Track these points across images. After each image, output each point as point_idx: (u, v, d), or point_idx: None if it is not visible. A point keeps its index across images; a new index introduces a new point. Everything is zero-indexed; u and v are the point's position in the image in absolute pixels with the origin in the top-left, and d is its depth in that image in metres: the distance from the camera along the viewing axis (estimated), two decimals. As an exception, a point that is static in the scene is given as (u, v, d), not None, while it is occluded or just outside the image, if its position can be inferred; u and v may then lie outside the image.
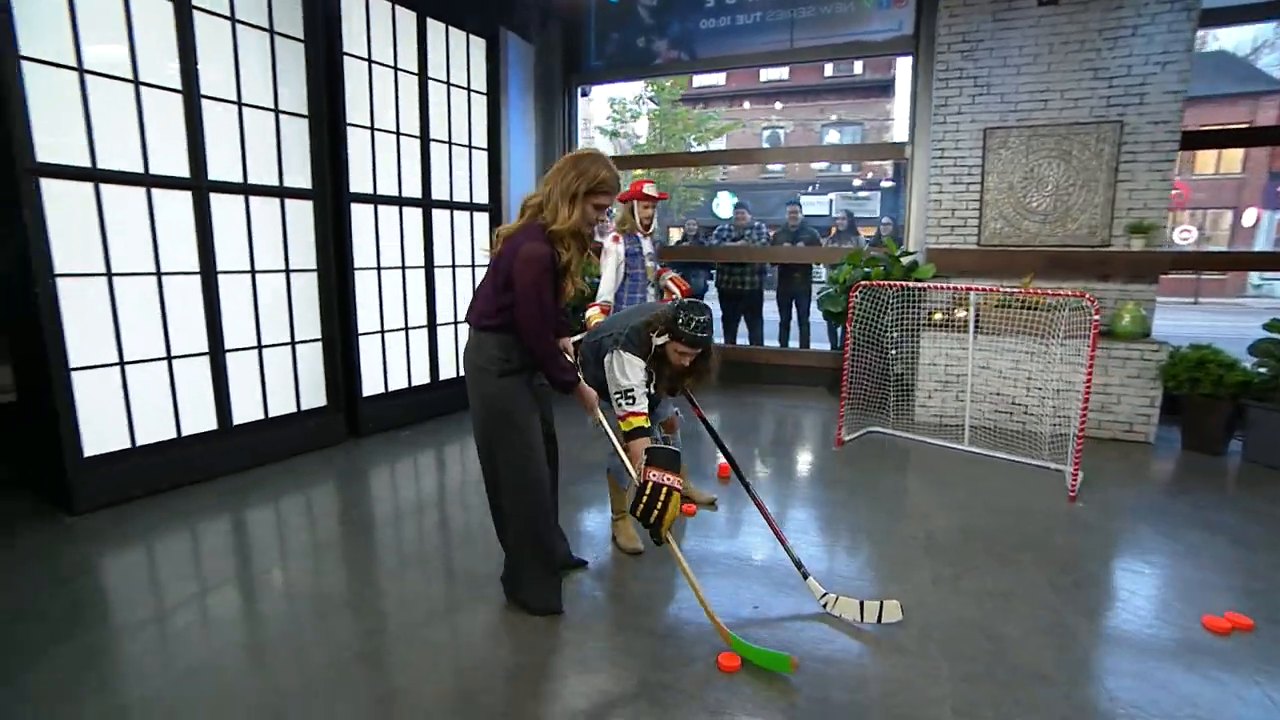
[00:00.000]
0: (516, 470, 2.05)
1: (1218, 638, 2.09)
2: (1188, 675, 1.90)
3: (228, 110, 3.44)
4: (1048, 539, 2.80)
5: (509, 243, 1.93)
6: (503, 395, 2.01)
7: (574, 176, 1.89)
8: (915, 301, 4.67)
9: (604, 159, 1.96)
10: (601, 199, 1.93)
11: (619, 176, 1.98)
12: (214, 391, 3.50)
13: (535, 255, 1.86)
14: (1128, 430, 4.35)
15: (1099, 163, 4.52)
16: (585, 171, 1.89)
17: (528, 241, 1.87)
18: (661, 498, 1.96)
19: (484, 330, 2.00)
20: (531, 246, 1.86)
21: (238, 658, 1.95)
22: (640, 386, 2.19)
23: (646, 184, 3.83)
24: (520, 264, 1.87)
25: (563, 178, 1.90)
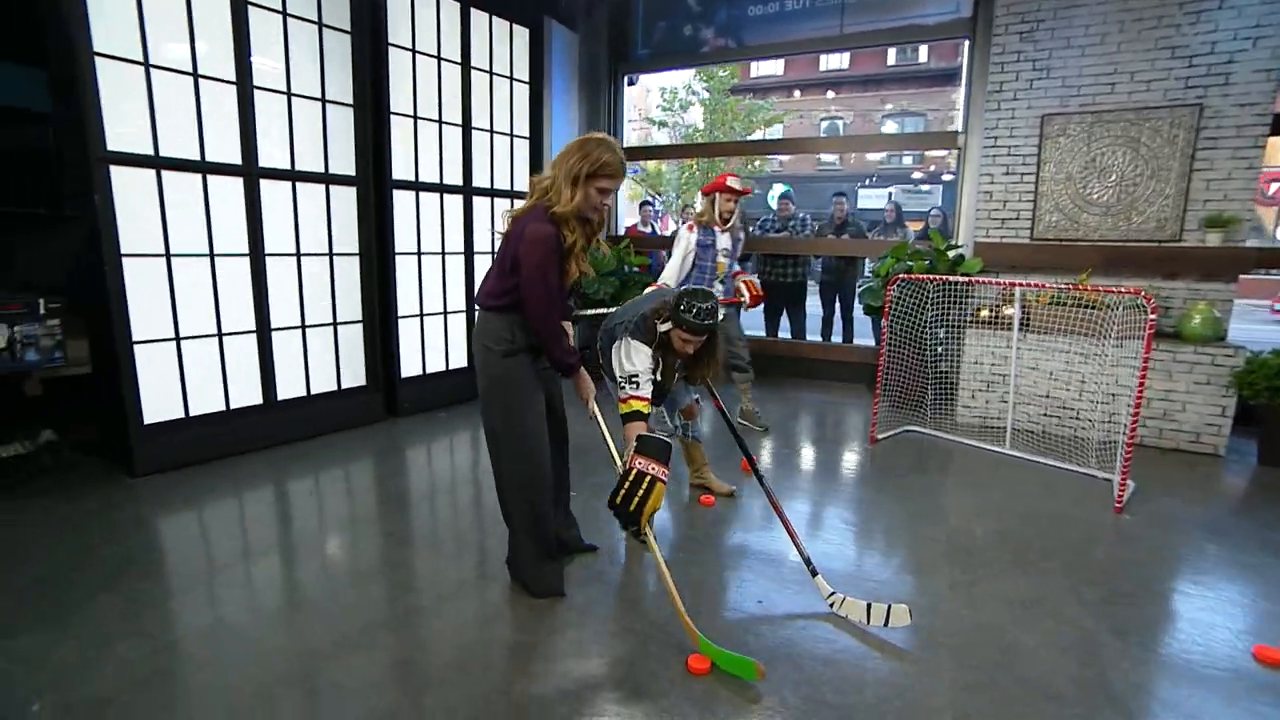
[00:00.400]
0: (516, 453, 2.08)
1: (1270, 670, 1.92)
2: (1228, 709, 1.75)
3: (278, 100, 3.61)
4: (1083, 549, 2.65)
5: (516, 224, 1.95)
6: (506, 375, 2.03)
7: (578, 159, 1.89)
8: (960, 297, 4.47)
9: (610, 143, 1.95)
10: (604, 182, 1.92)
11: (624, 161, 1.97)
12: (260, 368, 3.69)
13: (540, 236, 1.87)
14: (1194, 440, 4.05)
15: (1172, 150, 4.19)
16: (589, 155, 1.89)
17: (532, 223, 1.88)
18: (644, 486, 1.94)
19: (490, 310, 2.03)
20: (536, 228, 1.87)
21: (262, 614, 2.06)
22: (645, 373, 2.18)
23: (730, 177, 3.92)
24: (526, 246, 1.88)
25: (567, 160, 1.91)
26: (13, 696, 1.69)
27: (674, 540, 2.67)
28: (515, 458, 2.08)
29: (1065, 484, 3.42)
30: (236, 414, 3.61)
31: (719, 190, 3.87)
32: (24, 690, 1.72)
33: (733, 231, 3.97)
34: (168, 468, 3.31)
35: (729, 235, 3.95)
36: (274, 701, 1.68)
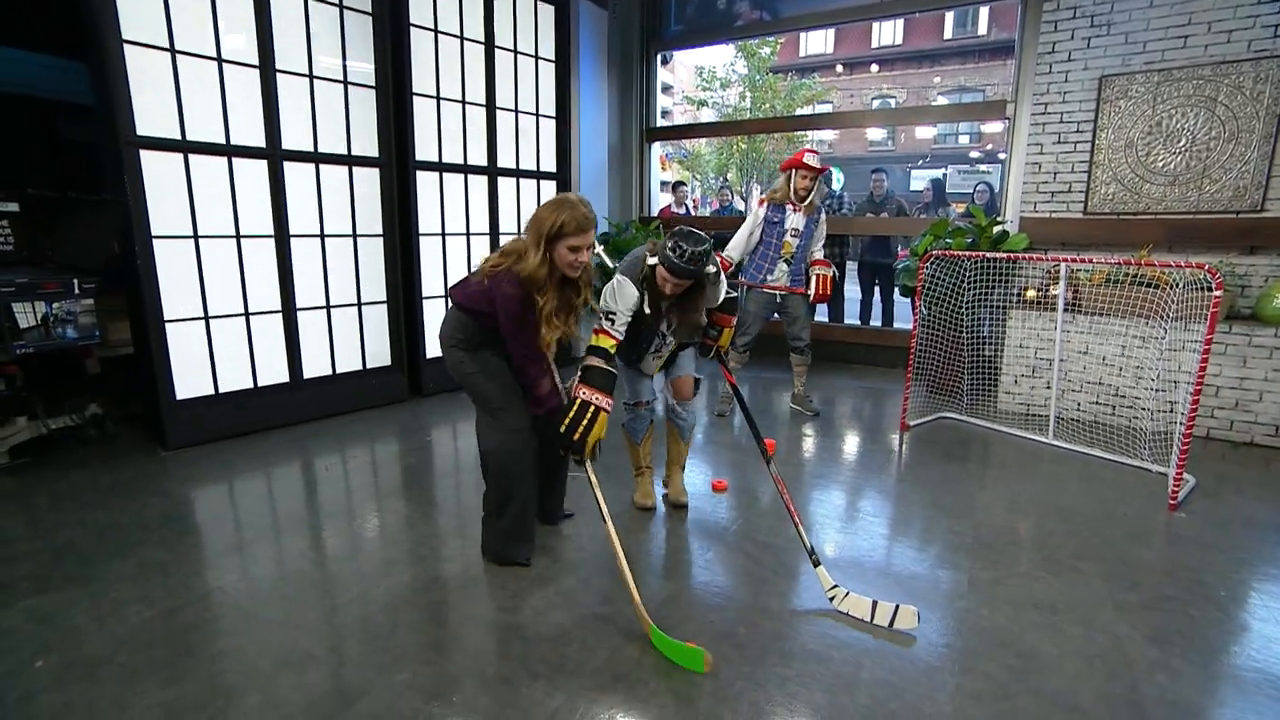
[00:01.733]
0: (486, 429, 2.18)
1: (1328, 687, 1.70)
2: (1272, 724, 1.56)
3: (300, 83, 3.64)
4: (1126, 550, 2.42)
5: (490, 280, 2.00)
6: (467, 364, 2.14)
7: (541, 222, 1.95)
8: (1004, 277, 4.18)
9: (571, 202, 1.97)
10: (571, 240, 1.95)
11: (588, 216, 1.97)
12: (286, 347, 3.78)
13: (507, 295, 1.95)
14: (1272, 434, 3.68)
15: (1256, 109, 3.77)
16: (550, 217, 1.94)
17: (501, 286, 1.96)
18: (588, 416, 2.01)
19: (456, 307, 2.14)
20: (504, 290, 1.96)
21: (262, 587, 2.10)
22: (624, 313, 2.15)
23: (809, 153, 3.81)
24: (500, 306, 1.98)
25: (536, 225, 1.97)
26: (20, 652, 1.77)
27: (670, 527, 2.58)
28: (483, 434, 2.19)
29: (1113, 478, 3.16)
30: (264, 391, 3.70)
31: (796, 166, 3.72)
32: (31, 647, 1.79)
33: (809, 211, 3.80)
34: (198, 441, 3.43)
35: (803, 215, 3.79)
36: (257, 672, 1.69)
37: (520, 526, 2.23)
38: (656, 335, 2.40)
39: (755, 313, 3.93)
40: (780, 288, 3.85)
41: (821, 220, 3.88)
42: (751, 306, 3.93)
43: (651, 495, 2.70)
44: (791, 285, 3.85)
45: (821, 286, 3.79)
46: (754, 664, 1.73)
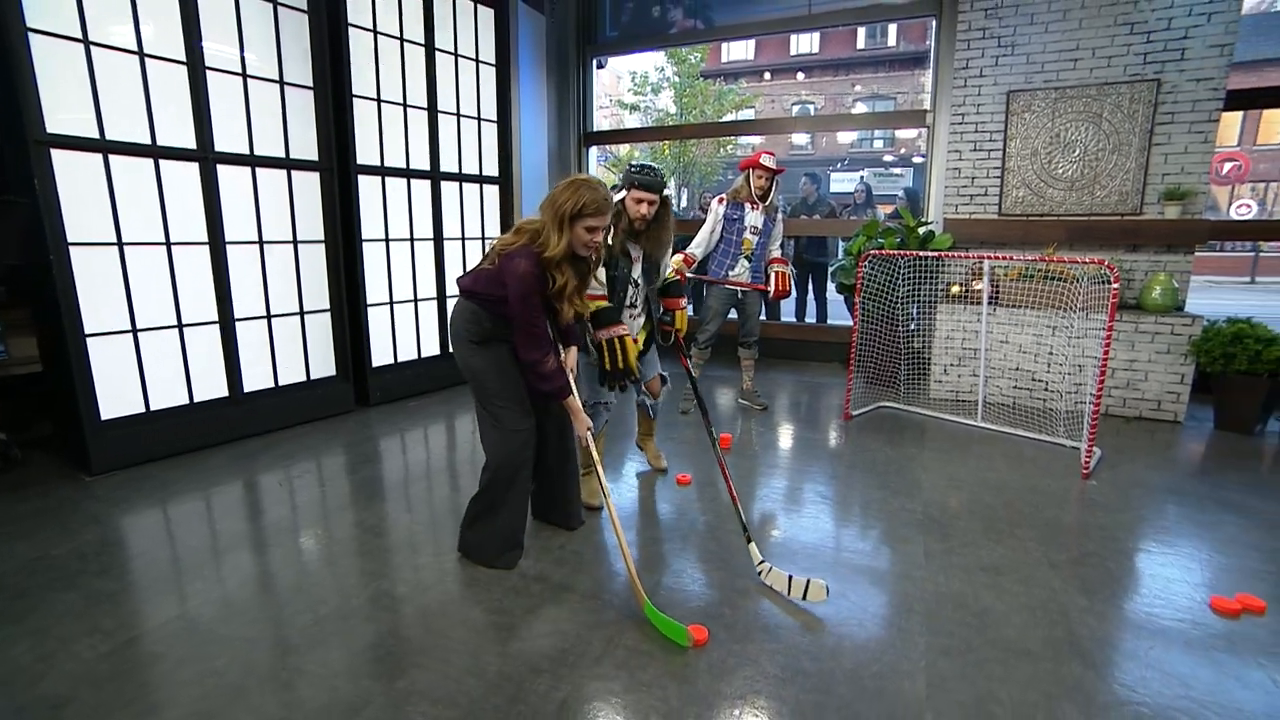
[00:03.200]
0: (484, 433, 2.19)
1: (1225, 619, 1.99)
2: (1185, 655, 1.81)
3: (232, 82, 3.48)
4: (1052, 516, 2.70)
5: (501, 258, 2.01)
6: (476, 358, 2.13)
7: (562, 202, 1.97)
8: (931, 273, 4.51)
9: (591, 183, 2.00)
10: (590, 221, 1.99)
11: (607, 199, 2.02)
12: (224, 359, 3.58)
13: (520, 271, 1.95)
14: (1156, 408, 4.16)
15: (1132, 125, 4.27)
16: (570, 198, 1.96)
17: (517, 258, 1.96)
18: (616, 346, 2.38)
19: (465, 297, 2.13)
20: (517, 263, 1.96)
21: (228, 608, 2.01)
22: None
23: (765, 154, 3.96)
24: (509, 277, 1.98)
25: (553, 205, 1.98)
26: (-39, 701, 1.63)
27: (647, 517, 2.66)
28: (486, 433, 2.18)
29: (1035, 454, 3.49)
30: (201, 407, 3.50)
31: (753, 166, 3.88)
32: (-25, 692, 1.65)
33: (768, 210, 3.96)
34: (127, 464, 3.20)
35: (762, 213, 3.94)
36: (242, 693, 1.63)
37: (512, 532, 2.23)
38: (630, 284, 2.56)
39: (717, 309, 4.08)
40: (742, 284, 4.00)
41: (779, 219, 4.06)
42: (714, 303, 4.08)
43: (598, 494, 2.68)
44: (752, 282, 4.01)
45: (781, 283, 3.97)
46: (743, 641, 1.83)
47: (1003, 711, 1.57)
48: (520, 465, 2.18)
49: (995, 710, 1.57)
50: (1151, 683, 1.69)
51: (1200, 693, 1.66)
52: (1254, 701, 1.63)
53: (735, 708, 1.58)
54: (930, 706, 1.59)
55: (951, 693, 1.64)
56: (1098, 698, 1.63)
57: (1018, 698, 1.62)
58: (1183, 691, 1.66)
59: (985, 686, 1.66)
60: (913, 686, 1.66)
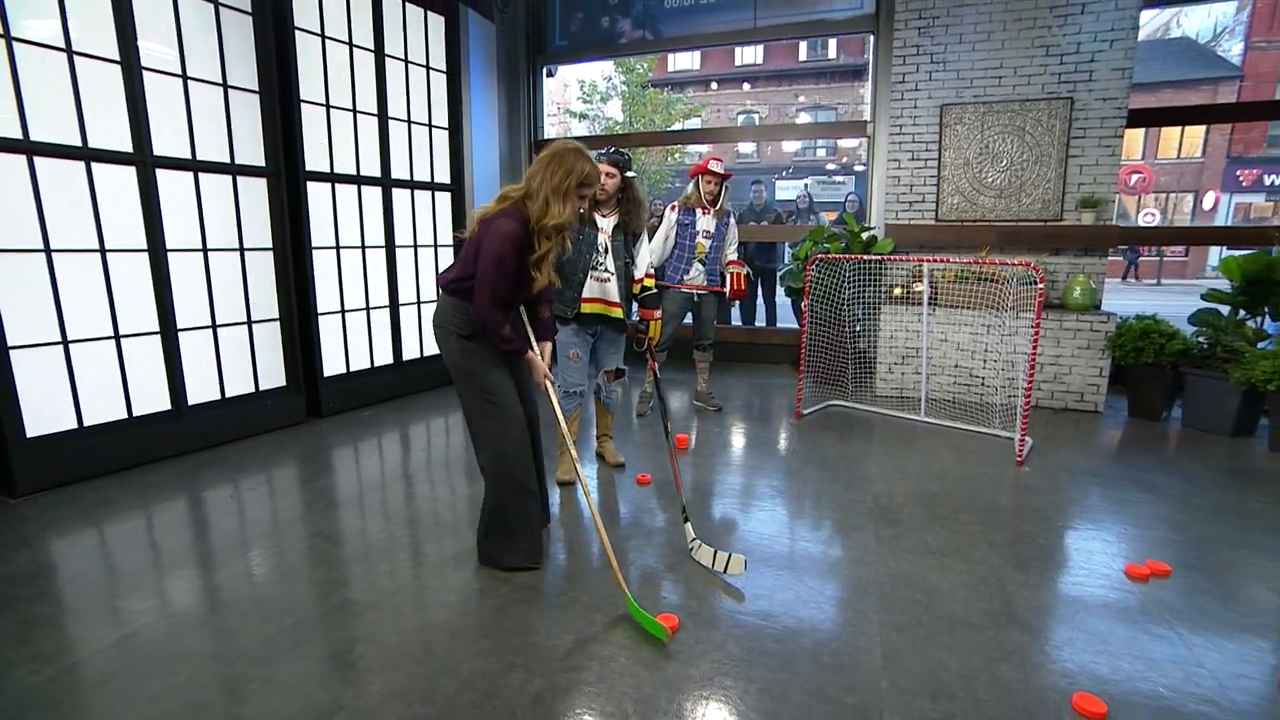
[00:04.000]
0: (481, 427, 2.18)
1: (1138, 583, 2.19)
2: (1104, 616, 1.99)
3: (171, 84, 3.37)
4: (990, 501, 2.89)
5: (484, 224, 2.03)
6: (463, 354, 2.14)
7: (564, 174, 2.00)
8: (874, 277, 4.74)
9: (585, 153, 2.08)
10: (585, 190, 2.08)
11: (596, 167, 2.10)
12: (167, 371, 3.45)
13: (505, 231, 1.96)
14: (1079, 399, 4.48)
15: (1051, 138, 4.61)
16: (573, 169, 2.02)
17: (502, 218, 1.98)
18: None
19: (450, 293, 2.14)
20: (503, 222, 1.97)
21: (180, 624, 1.94)
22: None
23: (713, 160, 4.04)
24: (490, 235, 1.98)
25: (552, 175, 2.01)
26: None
27: (610, 515, 2.71)
28: (481, 432, 2.18)
29: (974, 445, 3.72)
30: (141, 422, 3.35)
31: (701, 173, 4.03)
32: (-93, 725, 1.56)
33: (719, 214, 4.07)
34: (60, 483, 3.04)
35: (713, 217, 4.05)
36: (206, 706, 1.59)
37: (528, 526, 2.21)
38: (596, 249, 2.91)
39: (673, 312, 4.18)
40: (697, 287, 4.11)
41: (732, 223, 4.18)
42: (670, 306, 4.17)
43: (572, 471, 2.99)
44: (708, 284, 4.12)
45: (736, 283, 4.09)
46: (708, 629, 1.91)
47: (950, 676, 1.69)
48: (519, 456, 2.18)
49: (943, 675, 1.69)
50: (1076, 642, 1.85)
51: (1117, 647, 1.83)
52: (1161, 651, 1.82)
53: (704, 689, 1.64)
54: (886, 676, 1.69)
55: (904, 663, 1.75)
56: (1032, 658, 1.77)
57: (963, 663, 1.75)
58: (1102, 647, 1.83)
59: (935, 656, 1.78)
60: (869, 660, 1.76)
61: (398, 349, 4.82)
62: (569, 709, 1.57)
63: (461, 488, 3.09)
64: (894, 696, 1.62)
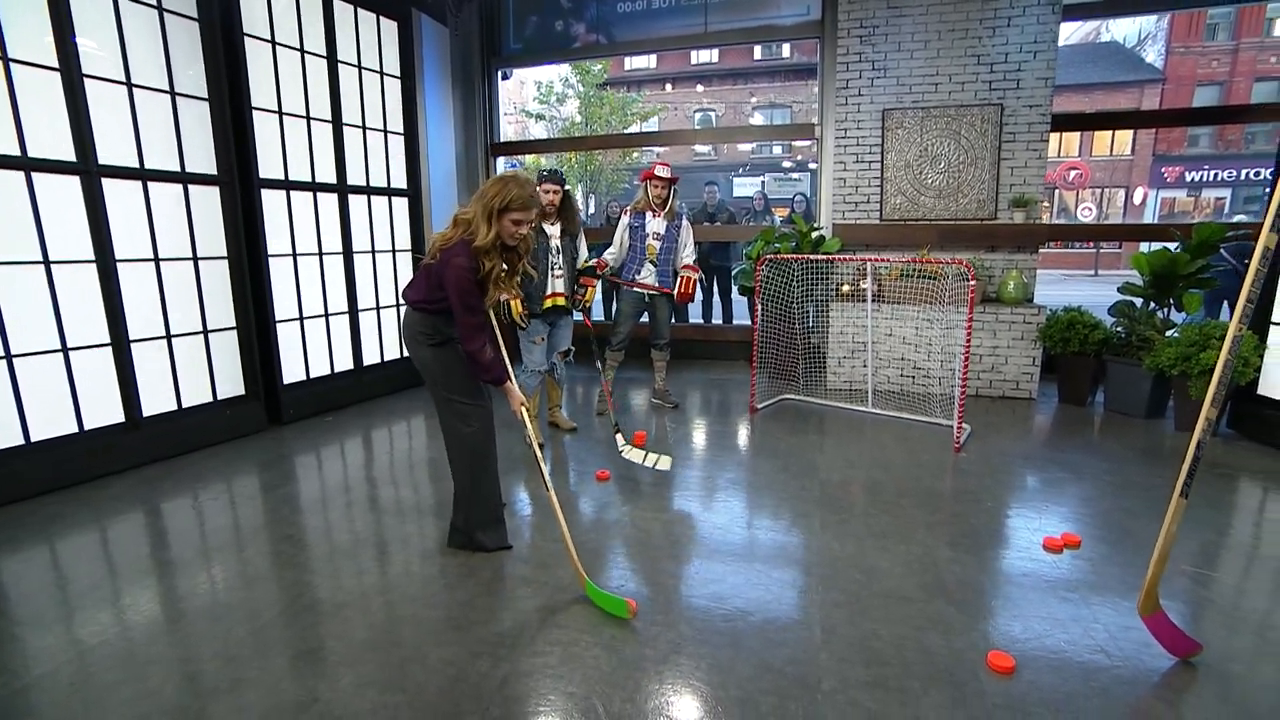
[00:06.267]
0: (452, 426, 2.38)
1: (1052, 554, 2.41)
2: (1022, 585, 2.21)
3: (115, 91, 3.32)
4: (929, 485, 3.11)
5: (442, 253, 2.19)
6: (434, 360, 2.33)
7: (490, 197, 2.15)
8: (823, 275, 4.95)
9: (519, 180, 2.19)
10: (516, 214, 2.18)
11: (534, 194, 2.23)
12: (119, 383, 3.40)
13: (458, 267, 2.14)
14: (1015, 388, 4.77)
15: (984, 142, 4.89)
16: (500, 193, 2.15)
17: (453, 258, 2.15)
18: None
19: (416, 309, 2.32)
20: (454, 262, 2.14)
21: (146, 633, 1.98)
22: None
23: (659, 166, 4.25)
24: (448, 273, 2.15)
25: (483, 198, 2.17)
26: None
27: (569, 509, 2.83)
28: (452, 432, 2.38)
29: (917, 433, 3.95)
30: (93, 435, 3.31)
31: (649, 178, 4.21)
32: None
33: (669, 217, 4.21)
34: (9, 500, 2.99)
35: (663, 220, 4.20)
36: (183, 708, 1.65)
37: (498, 510, 2.47)
38: (550, 252, 3.57)
39: (628, 312, 4.31)
40: (649, 286, 4.24)
41: (684, 225, 4.31)
42: (624, 306, 4.31)
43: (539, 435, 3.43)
44: (659, 285, 4.25)
45: (684, 286, 4.22)
46: (664, 612, 2.04)
47: (882, 645, 1.86)
48: (488, 449, 2.41)
49: (876, 645, 1.86)
50: (995, 609, 2.06)
51: (1028, 610, 2.04)
52: (1065, 612, 2.04)
53: (660, 667, 1.77)
54: (825, 647, 1.86)
55: (842, 635, 1.91)
56: (955, 626, 1.96)
57: (895, 633, 1.92)
58: (1016, 612, 2.04)
59: (869, 627, 1.95)
60: (810, 634, 1.92)
61: (358, 354, 4.82)
62: (534, 690, 1.69)
63: (425, 488, 3.16)
64: (831, 665, 1.78)
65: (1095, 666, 1.77)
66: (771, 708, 1.62)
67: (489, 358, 2.27)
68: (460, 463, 2.41)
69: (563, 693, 1.68)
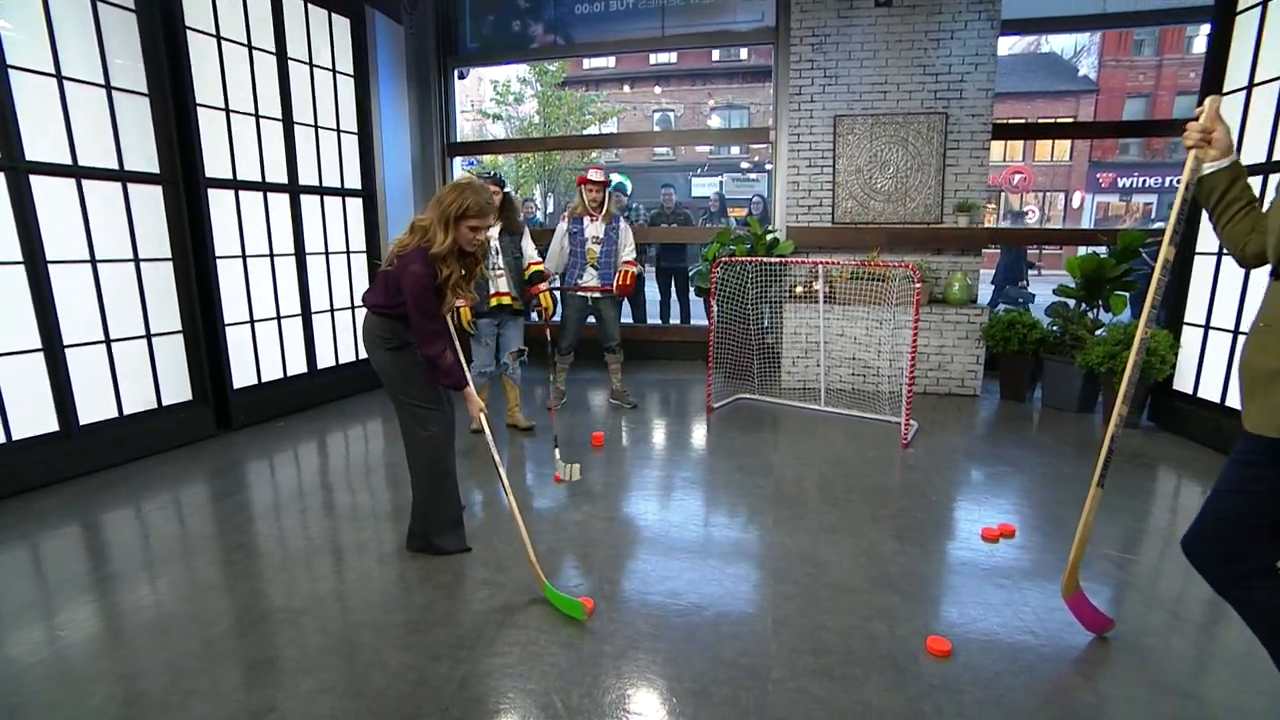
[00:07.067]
0: (410, 430, 2.40)
1: (989, 544, 2.55)
2: (960, 573, 2.34)
3: (43, 84, 3.17)
4: (877, 481, 3.24)
5: (400, 259, 2.22)
6: (393, 365, 2.36)
7: (448, 204, 2.19)
8: (777, 276, 5.07)
9: (474, 187, 2.24)
10: (473, 221, 2.22)
11: (490, 202, 2.27)
12: (53, 390, 3.26)
13: (415, 274, 2.17)
14: (960, 385, 4.99)
15: (930, 149, 5.09)
16: (457, 200, 2.19)
17: (410, 265, 2.18)
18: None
19: (375, 313, 2.35)
20: (412, 270, 2.18)
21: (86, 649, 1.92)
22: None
23: (593, 170, 4.28)
24: (405, 280, 2.19)
25: (440, 205, 2.20)
26: None
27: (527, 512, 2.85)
28: (410, 435, 2.40)
29: (867, 430, 4.09)
30: (22, 446, 3.16)
31: (582, 183, 4.26)
32: None
33: (606, 219, 4.26)
34: (-65, 515, 2.84)
35: (601, 223, 4.25)
36: (127, 724, 1.62)
37: (456, 513, 2.49)
38: (490, 252, 3.60)
39: (573, 316, 4.37)
40: (592, 288, 4.28)
41: (622, 226, 4.35)
42: (569, 311, 4.35)
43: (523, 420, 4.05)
44: (602, 284, 4.29)
45: (623, 279, 4.26)
46: (621, 610, 2.09)
47: (829, 635, 1.95)
48: (446, 452, 2.43)
49: (824, 634, 1.95)
50: (935, 596, 2.17)
51: (965, 597, 2.17)
52: (998, 597, 2.17)
53: (617, 663, 1.82)
54: (775, 639, 1.93)
55: (792, 626, 2.00)
56: (899, 614, 2.06)
57: (841, 623, 2.01)
58: (954, 598, 2.16)
59: (818, 618, 2.04)
60: (762, 626, 2.00)
61: (312, 357, 4.72)
62: (494, 689, 1.71)
63: (383, 492, 3.13)
64: (782, 655, 1.86)
65: (1023, 646, 1.90)
66: (724, 698, 1.68)
67: (448, 363, 2.29)
68: (418, 467, 2.43)
69: (522, 690, 1.71)
